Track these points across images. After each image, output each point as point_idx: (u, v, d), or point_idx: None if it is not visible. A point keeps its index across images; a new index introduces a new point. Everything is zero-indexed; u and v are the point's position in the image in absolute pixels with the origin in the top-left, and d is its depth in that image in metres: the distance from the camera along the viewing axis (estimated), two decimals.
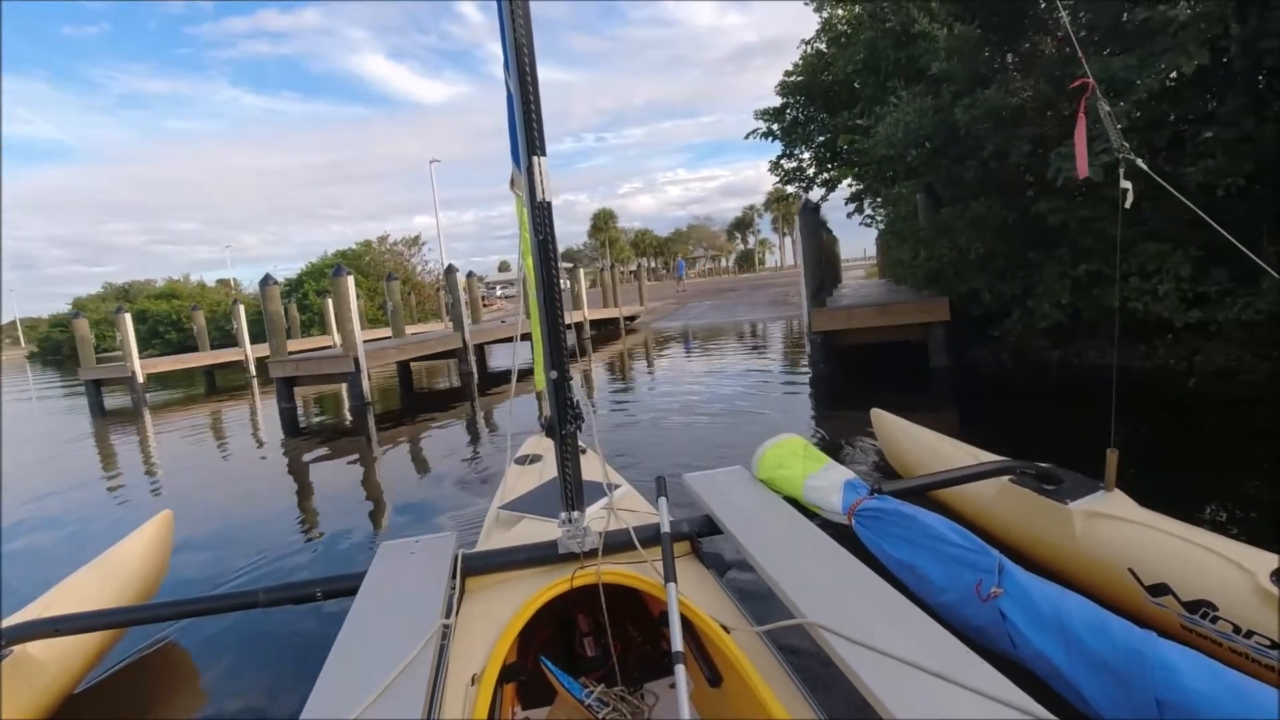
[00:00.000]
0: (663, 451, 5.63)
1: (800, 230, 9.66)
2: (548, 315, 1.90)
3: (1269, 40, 4.82)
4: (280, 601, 2.12)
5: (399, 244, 33.15)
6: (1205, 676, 1.22)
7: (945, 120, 6.81)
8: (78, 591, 2.66)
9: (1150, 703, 1.25)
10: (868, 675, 1.27)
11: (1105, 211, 6.00)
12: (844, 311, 8.84)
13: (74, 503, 6.18)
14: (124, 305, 15.92)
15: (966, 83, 6.68)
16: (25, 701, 2.21)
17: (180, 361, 17.13)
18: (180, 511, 4.03)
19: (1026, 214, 6.87)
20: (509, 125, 1.90)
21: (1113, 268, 6.12)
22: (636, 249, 72.66)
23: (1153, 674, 1.26)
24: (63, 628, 2.20)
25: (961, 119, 6.51)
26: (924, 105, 7.00)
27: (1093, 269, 6.43)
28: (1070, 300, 6.70)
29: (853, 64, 9.16)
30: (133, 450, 8.76)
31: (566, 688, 1.71)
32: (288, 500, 5.62)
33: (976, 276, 7.75)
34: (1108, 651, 1.35)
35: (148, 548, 3.18)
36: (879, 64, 8.66)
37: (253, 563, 3.98)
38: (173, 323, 33.17)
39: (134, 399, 13.35)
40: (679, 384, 9.35)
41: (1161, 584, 2.08)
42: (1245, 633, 1.84)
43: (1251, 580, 1.87)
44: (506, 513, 2.56)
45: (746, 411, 6.99)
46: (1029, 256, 7.18)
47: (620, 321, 20.50)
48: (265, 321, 11.34)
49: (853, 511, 2.07)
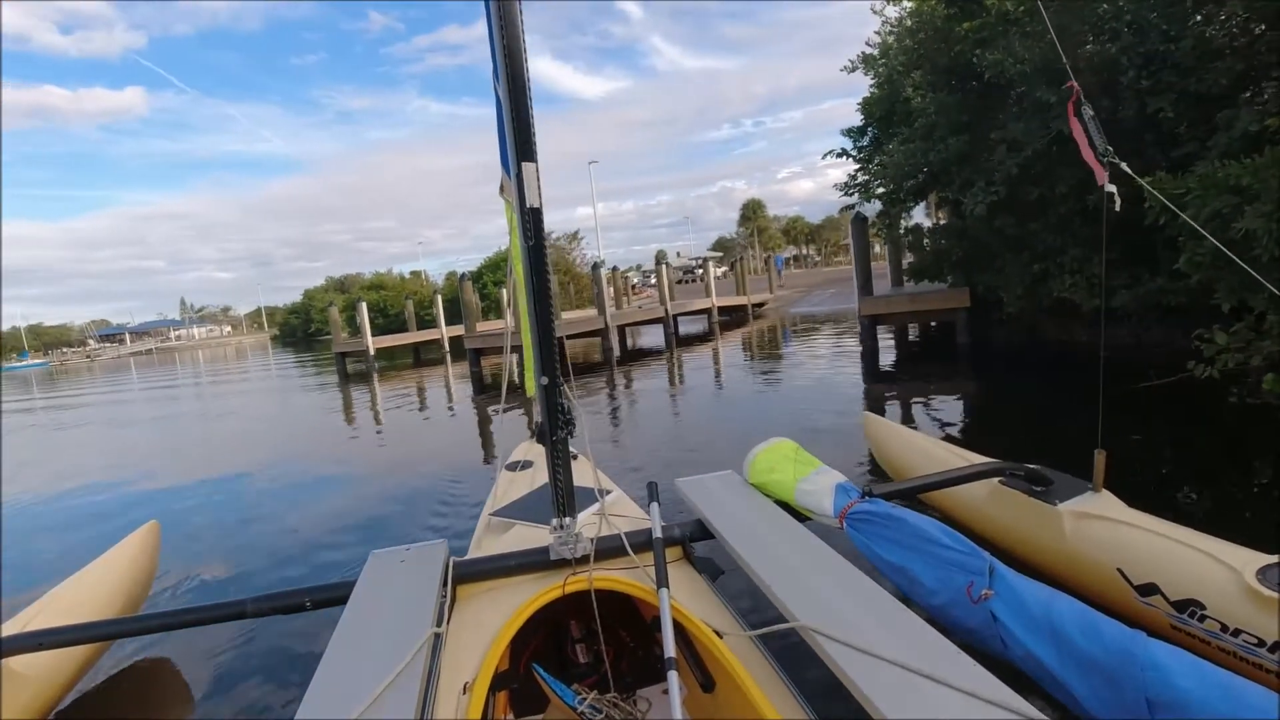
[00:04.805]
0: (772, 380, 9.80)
1: (852, 238, 12.11)
2: (539, 321, 1.90)
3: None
4: (269, 612, 2.08)
5: (560, 239, 37.10)
6: (1194, 675, 1.23)
7: (926, 160, 8.90)
8: (63, 604, 2.61)
9: (1140, 702, 1.26)
10: (860, 678, 1.27)
11: (1046, 224, 7.92)
12: (884, 299, 11.26)
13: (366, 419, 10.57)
14: (361, 297, 23.87)
15: (948, 130, 8.61)
16: (10, 717, 2.16)
17: (396, 339, 21.91)
18: (406, 435, 8.67)
19: (990, 226, 8.65)
20: (499, 131, 1.89)
21: (1057, 268, 7.64)
22: (787, 236, 71.66)
23: (1143, 673, 1.27)
24: (47, 641, 2.14)
25: (934, 161, 8.68)
26: (912, 149, 9.05)
27: (1043, 267, 8.06)
28: (1024, 292, 8.49)
29: (879, 109, 11.52)
30: (366, 399, 13.13)
31: (559, 695, 1.70)
32: (473, 431, 8.68)
33: (979, 273, 9.81)
34: (1098, 651, 1.36)
35: (135, 558, 3.14)
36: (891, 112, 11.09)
37: (449, 470, 6.12)
38: (379, 310, 37.67)
39: (368, 367, 18.12)
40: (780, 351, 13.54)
41: (1150, 584, 2.09)
42: (1233, 631, 1.85)
43: (1239, 579, 1.88)
44: (498, 519, 2.54)
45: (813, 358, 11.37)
46: (1007, 258, 8.85)
47: (749, 308, 23.60)
48: (461, 308, 16.13)
49: (844, 515, 2.06)
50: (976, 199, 7.82)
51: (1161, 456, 4.47)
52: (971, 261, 10.06)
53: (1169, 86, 6.17)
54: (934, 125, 8.78)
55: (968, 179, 8.35)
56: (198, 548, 4.69)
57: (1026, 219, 8.11)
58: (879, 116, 11.66)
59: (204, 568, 4.27)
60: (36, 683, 2.32)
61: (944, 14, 8.73)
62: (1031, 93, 7.22)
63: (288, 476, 6.86)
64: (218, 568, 4.26)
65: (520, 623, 1.70)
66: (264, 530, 5.00)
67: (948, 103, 8.67)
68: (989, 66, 7.46)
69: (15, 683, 2.22)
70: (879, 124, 11.86)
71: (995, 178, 7.58)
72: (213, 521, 5.37)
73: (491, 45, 1.78)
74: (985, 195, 7.71)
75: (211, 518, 5.50)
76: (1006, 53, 7.27)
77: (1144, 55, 6.40)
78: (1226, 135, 5.40)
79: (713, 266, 23.99)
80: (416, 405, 11.47)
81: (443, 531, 4.34)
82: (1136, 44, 6.46)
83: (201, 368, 32.97)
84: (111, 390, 23.21)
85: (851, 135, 12.86)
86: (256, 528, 5.08)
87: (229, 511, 5.64)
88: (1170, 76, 6.18)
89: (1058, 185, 7.22)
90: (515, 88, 1.74)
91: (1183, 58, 6.03)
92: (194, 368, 33.47)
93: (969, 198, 8.00)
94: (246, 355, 41.53)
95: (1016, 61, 7.11)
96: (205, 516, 5.56)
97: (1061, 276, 7.57)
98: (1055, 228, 7.79)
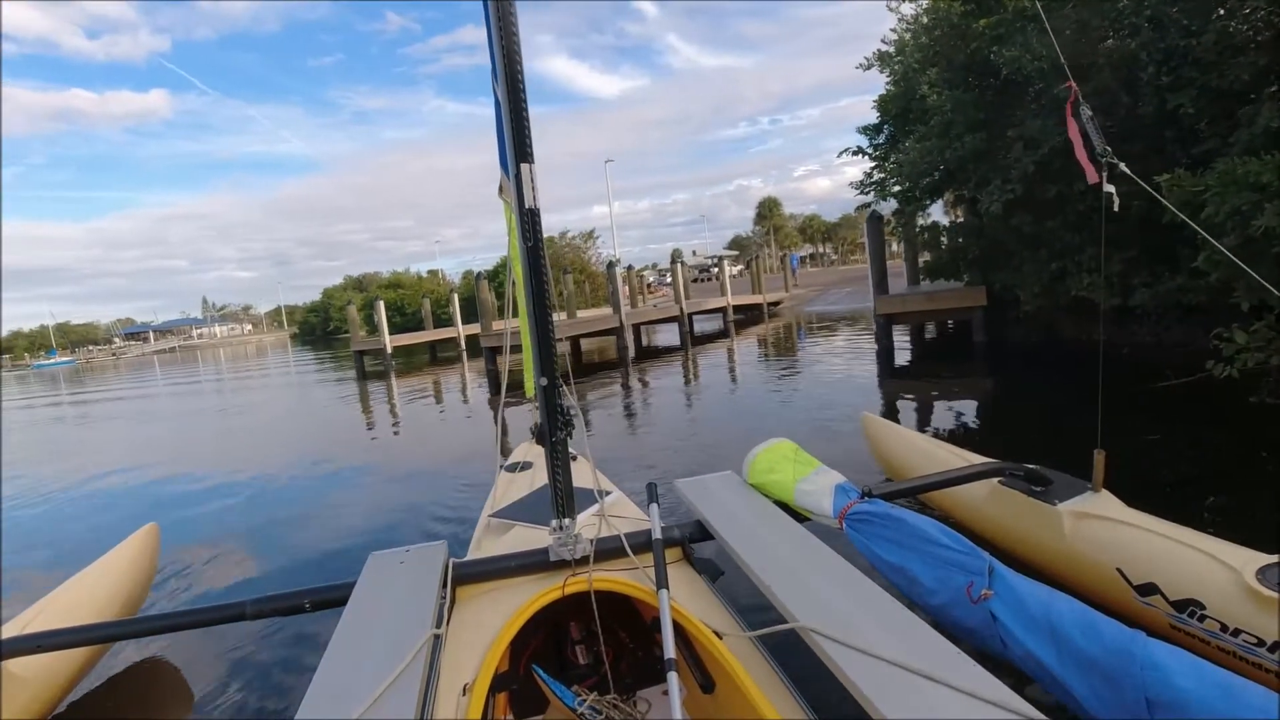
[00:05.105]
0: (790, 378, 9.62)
1: (867, 236, 11.98)
2: (538, 322, 1.90)
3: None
4: (268, 613, 2.07)
5: (576, 238, 37.16)
6: (1194, 675, 1.22)
7: (942, 157, 8.86)
8: (62, 606, 2.59)
9: (1140, 702, 1.25)
10: (860, 678, 1.27)
11: (1064, 222, 7.84)
12: (899, 298, 11.26)
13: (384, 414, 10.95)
14: (378, 296, 24.19)
15: (964, 128, 8.51)
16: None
17: (413, 338, 22.36)
18: (421, 431, 8.80)
19: (1007, 224, 8.59)
20: (497, 133, 1.91)
21: (1075, 266, 7.58)
22: (804, 234, 70.96)
23: (1142, 673, 1.26)
24: (46, 644, 2.12)
25: (950, 159, 8.65)
26: (928, 146, 9.02)
27: (1061, 265, 8.01)
28: (1041, 290, 8.43)
29: (895, 107, 11.44)
30: (382, 397, 13.13)
31: (559, 696, 1.70)
32: (488, 430, 8.35)
33: (995, 271, 9.78)
34: (1097, 651, 1.35)
35: (134, 560, 3.11)
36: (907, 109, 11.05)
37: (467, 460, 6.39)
38: (397, 309, 38.35)
39: (385, 365, 18.24)
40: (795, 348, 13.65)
41: (1150, 583, 2.08)
42: (1233, 631, 1.84)
43: (1238, 579, 1.87)
44: (497, 520, 2.54)
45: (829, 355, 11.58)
46: (1024, 256, 8.77)
47: (764, 307, 23.51)
48: (477, 306, 16.58)
49: (844, 515, 2.06)
50: (993, 197, 7.80)
51: (1178, 457, 4.39)
52: (988, 260, 10.04)
53: (1190, 82, 6.09)
54: (950, 123, 8.74)
55: (984, 176, 8.35)
56: (215, 542, 4.75)
57: (1044, 217, 8.03)
58: (895, 114, 11.61)
59: (226, 564, 4.32)
60: (35, 685, 2.30)
61: (960, 10, 8.68)
62: (1049, 89, 7.16)
63: (306, 474, 6.94)
64: (245, 565, 4.31)
65: (520, 624, 1.70)
66: (288, 529, 5.03)
67: (964, 100, 8.62)
68: (1006, 63, 7.40)
69: (14, 685, 2.19)
70: (895, 121, 11.81)
71: (1012, 175, 7.53)
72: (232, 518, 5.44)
73: (490, 47, 1.79)
74: (1002, 193, 7.67)
75: (231, 515, 5.56)
76: (1024, 49, 7.19)
77: (1164, 50, 6.33)
78: (1248, 131, 5.31)
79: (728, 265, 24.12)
80: (433, 403, 11.59)
81: (455, 530, 4.37)
82: (1157, 39, 6.38)
83: (223, 365, 33.42)
84: (136, 386, 23.64)
85: (867, 133, 12.81)
86: (279, 528, 5.09)
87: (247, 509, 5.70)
88: (1191, 72, 6.09)
89: (1076, 182, 7.12)
90: (513, 89, 1.74)
91: (1204, 53, 5.93)
92: (216, 365, 33.94)
93: (985, 195, 8.00)
94: (267, 353, 42.36)
95: (1034, 58, 7.04)
96: (229, 513, 5.64)
97: (1079, 275, 7.55)
98: (1073, 225, 7.71)
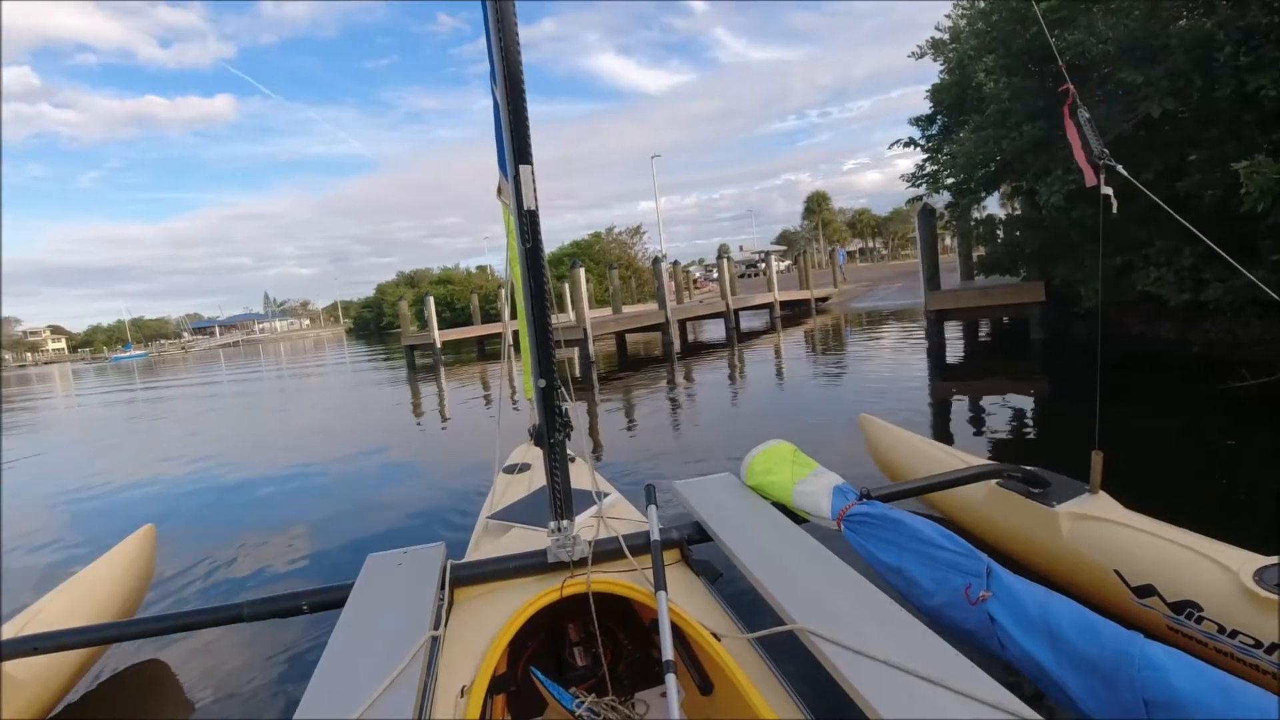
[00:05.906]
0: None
1: (918, 230, 11.61)
2: (536, 323, 1.91)
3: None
4: (265, 615, 2.06)
5: (623, 233, 37.94)
6: (1191, 676, 1.22)
7: (999, 148, 8.52)
8: (59, 608, 2.58)
9: (1138, 703, 1.25)
10: (858, 680, 1.27)
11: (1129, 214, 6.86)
12: (952, 294, 10.92)
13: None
14: (429, 292, 24.63)
15: (1023, 116, 8.15)
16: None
17: (463, 333, 22.81)
18: (470, 422, 8.97)
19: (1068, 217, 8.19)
20: (496, 134, 1.92)
21: (1142, 260, 7.37)
22: (853, 229, 69.97)
23: (1140, 674, 1.26)
24: (41, 646, 2.10)
25: (1007, 149, 8.29)
26: (984, 136, 8.74)
27: (1126, 260, 7.70)
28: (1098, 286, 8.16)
29: (949, 96, 11.09)
30: (432, 391, 13.61)
31: (557, 698, 1.71)
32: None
33: (1055, 265, 9.45)
34: (1095, 653, 1.35)
35: (131, 562, 3.11)
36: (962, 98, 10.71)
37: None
38: (447, 304, 39.40)
39: (434, 359, 18.73)
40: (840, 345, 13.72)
41: (1147, 585, 2.07)
42: (1230, 632, 1.82)
43: (1235, 580, 1.84)
44: (495, 522, 2.55)
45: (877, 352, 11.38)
46: (1086, 249, 8.53)
47: (811, 302, 23.27)
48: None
49: (842, 517, 2.06)
50: (1053, 188, 7.45)
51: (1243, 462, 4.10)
52: (1047, 254, 9.63)
53: (1272, 62, 5.68)
54: (1008, 111, 8.39)
55: (1044, 167, 7.93)
56: (277, 529, 4.93)
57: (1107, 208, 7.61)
58: (949, 104, 11.22)
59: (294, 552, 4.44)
60: (32, 687, 2.28)
61: None
62: (1116, 74, 6.79)
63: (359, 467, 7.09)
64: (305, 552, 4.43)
65: (518, 625, 1.70)
66: (343, 522, 5.10)
67: (1023, 87, 8.26)
68: (1069, 47, 7.04)
69: (11, 687, 2.18)
70: (949, 111, 11.45)
71: (1074, 165, 7.14)
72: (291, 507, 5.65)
73: (489, 48, 1.80)
74: (1063, 184, 7.33)
75: (292, 503, 5.78)
76: (1089, 32, 6.85)
77: (1243, 29, 5.91)
78: None
79: (775, 260, 23.76)
80: (481, 399, 11.68)
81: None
82: (1235, 17, 5.98)
83: (283, 359, 34.41)
84: (204, 382, 24.18)
85: (920, 124, 12.46)
86: (336, 521, 5.14)
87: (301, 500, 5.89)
88: (1273, 51, 5.69)
89: (1143, 172, 6.76)
90: (512, 90, 1.75)
91: None
92: (277, 359, 34.93)
93: (1045, 187, 7.65)
94: (324, 347, 43.85)
95: (1099, 41, 6.69)
96: (295, 498, 5.89)
97: (1146, 269, 7.24)
98: (1140, 218, 7.29)
